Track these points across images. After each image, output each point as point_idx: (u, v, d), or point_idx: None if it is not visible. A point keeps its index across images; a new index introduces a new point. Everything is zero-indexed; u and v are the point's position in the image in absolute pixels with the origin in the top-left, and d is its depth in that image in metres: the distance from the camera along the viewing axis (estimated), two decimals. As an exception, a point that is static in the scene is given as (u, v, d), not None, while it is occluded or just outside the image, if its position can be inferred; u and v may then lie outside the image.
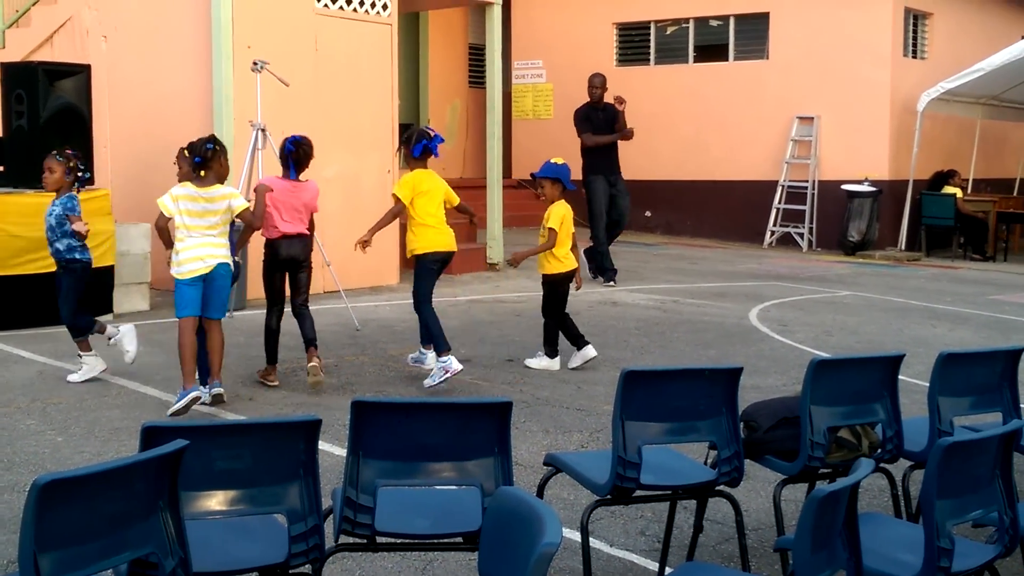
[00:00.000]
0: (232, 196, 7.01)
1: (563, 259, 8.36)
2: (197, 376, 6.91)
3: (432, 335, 7.77)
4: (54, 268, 7.72)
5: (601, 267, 12.96)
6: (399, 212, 7.95)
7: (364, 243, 7.85)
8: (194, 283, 6.84)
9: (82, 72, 9.93)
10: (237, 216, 7.04)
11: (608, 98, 13.09)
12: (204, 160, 6.90)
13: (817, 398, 4.41)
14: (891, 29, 17.04)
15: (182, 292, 6.87)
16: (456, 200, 8.03)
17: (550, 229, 8.25)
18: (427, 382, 7.67)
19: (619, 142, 13.02)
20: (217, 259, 6.90)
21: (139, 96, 11.25)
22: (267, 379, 7.68)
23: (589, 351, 8.43)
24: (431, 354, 7.99)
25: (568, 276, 8.43)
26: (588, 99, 13.13)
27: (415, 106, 18.53)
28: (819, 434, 4.39)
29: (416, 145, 7.80)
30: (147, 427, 3.15)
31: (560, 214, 8.28)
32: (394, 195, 7.92)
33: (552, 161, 8.45)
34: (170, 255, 6.97)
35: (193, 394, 6.69)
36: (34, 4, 12.68)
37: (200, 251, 6.84)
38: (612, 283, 12.78)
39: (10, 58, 10.97)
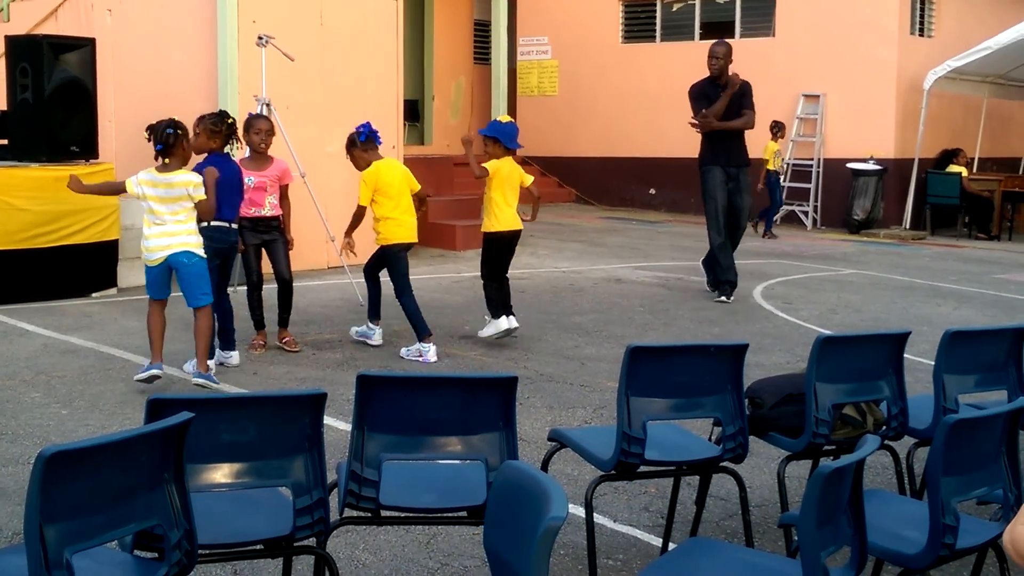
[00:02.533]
0: (191, 184, 6.74)
1: (501, 219, 8.14)
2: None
3: (412, 322, 7.89)
4: (60, 242, 7.70)
5: (715, 278, 10.74)
6: (362, 215, 7.92)
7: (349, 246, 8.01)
8: (156, 268, 6.78)
9: (86, 46, 9.87)
10: (195, 206, 6.81)
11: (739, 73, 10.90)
12: (166, 147, 6.70)
13: (822, 375, 4.41)
14: (898, 7, 16.95)
15: (146, 275, 6.93)
16: (416, 187, 7.99)
17: (483, 167, 7.99)
18: (403, 352, 7.84)
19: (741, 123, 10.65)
20: (173, 248, 6.73)
21: (144, 70, 11.21)
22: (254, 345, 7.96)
23: (503, 323, 8.25)
24: (378, 330, 8.16)
25: (505, 236, 8.19)
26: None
27: (420, 82, 18.48)
28: (824, 411, 4.38)
29: (361, 135, 7.85)
30: (152, 400, 3.16)
31: (495, 164, 8.04)
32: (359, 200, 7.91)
33: (498, 119, 8.36)
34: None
35: (152, 371, 6.73)
36: (38, -23, 12.62)
37: (159, 240, 6.74)
38: (725, 299, 10.45)
39: (15, 31, 10.91)
